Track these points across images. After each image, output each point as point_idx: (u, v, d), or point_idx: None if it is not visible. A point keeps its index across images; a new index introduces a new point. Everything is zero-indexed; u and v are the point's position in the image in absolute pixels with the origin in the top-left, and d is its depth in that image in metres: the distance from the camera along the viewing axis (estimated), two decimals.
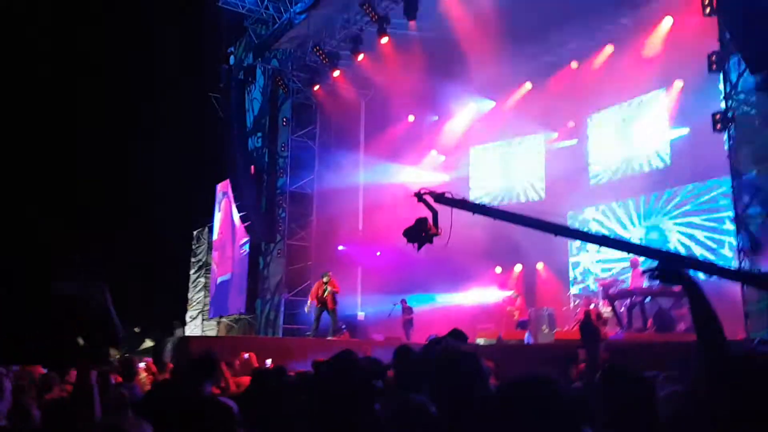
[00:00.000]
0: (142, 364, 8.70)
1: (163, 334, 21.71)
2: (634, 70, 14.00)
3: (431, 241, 4.50)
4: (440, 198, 4.38)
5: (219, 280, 20.57)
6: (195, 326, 21.76)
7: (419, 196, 4.39)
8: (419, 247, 4.62)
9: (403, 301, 15.45)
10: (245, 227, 17.59)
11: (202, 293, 21.92)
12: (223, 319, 19.89)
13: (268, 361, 9.67)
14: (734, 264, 9.35)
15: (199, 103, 18.79)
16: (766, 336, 8.04)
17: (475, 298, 16.48)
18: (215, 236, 20.91)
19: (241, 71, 17.96)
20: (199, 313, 21.85)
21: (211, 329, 20.59)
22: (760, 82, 8.45)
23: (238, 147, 17.30)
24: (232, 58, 17.99)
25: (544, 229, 3.70)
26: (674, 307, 11.09)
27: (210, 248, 21.61)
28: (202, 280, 22.00)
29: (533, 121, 16.62)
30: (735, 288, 9.82)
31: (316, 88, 17.73)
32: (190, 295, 22.47)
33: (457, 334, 4.04)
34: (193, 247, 22.65)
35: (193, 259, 22.61)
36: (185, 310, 22.47)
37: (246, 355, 8.71)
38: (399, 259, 17.58)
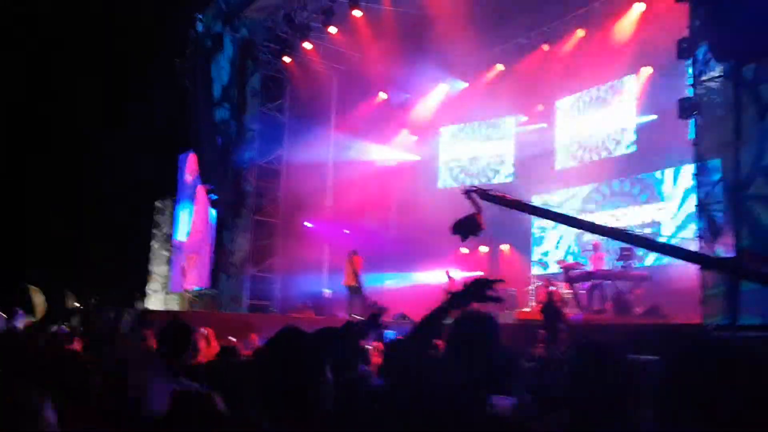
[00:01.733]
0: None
1: (123, 306, 21.31)
2: (604, 55, 14.09)
3: (477, 236, 5.07)
4: (486, 196, 4.64)
5: (183, 253, 20.25)
6: (157, 299, 21.41)
7: (467, 193, 4.67)
8: (464, 239, 4.91)
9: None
10: (211, 200, 17.29)
11: (164, 267, 21.55)
12: (186, 293, 19.61)
13: (232, 338, 9.56)
14: (694, 249, 9.52)
15: (163, 70, 18.21)
16: (721, 322, 8.22)
17: (438, 278, 16.53)
18: (183, 208, 20.50)
19: (208, 39, 17.48)
20: (161, 286, 21.49)
21: (173, 303, 20.29)
22: (726, 71, 8.54)
23: (203, 117, 16.92)
24: (199, 24, 17.50)
25: (593, 230, 4.09)
26: (632, 290, 11.33)
27: (173, 220, 21.21)
28: (165, 252, 21.61)
29: (504, 103, 16.65)
30: (693, 273, 10.07)
31: (287, 60, 17.40)
32: (151, 268, 22.05)
33: (374, 316, 4.09)
34: (155, 218, 22.19)
35: (155, 231, 22.16)
36: (146, 283, 22.07)
37: (203, 331, 8.55)
38: (367, 237, 17.61)
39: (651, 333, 8.93)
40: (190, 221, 19.94)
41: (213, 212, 18.20)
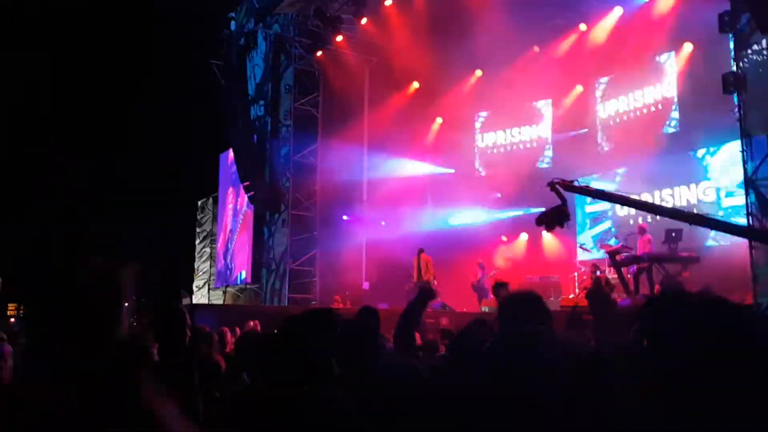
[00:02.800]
0: None
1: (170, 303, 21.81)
2: (642, 32, 13.68)
3: (563, 225, 5.33)
4: (570, 187, 5.05)
5: (225, 250, 20.60)
6: (201, 295, 21.88)
7: (552, 185, 5.04)
8: (550, 230, 5.48)
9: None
10: (249, 197, 17.50)
11: (207, 263, 21.97)
12: (229, 289, 19.96)
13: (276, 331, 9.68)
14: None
15: (201, 71, 18.47)
16: None
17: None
18: (224, 206, 20.84)
19: (242, 37, 17.64)
20: (205, 282, 21.94)
21: (217, 298, 20.68)
22: None
23: (240, 115, 17.10)
24: (233, 23, 17.68)
25: (674, 216, 4.27)
26: (680, 273, 11.00)
27: (215, 218, 21.59)
28: (207, 249, 22.03)
29: (541, 86, 16.34)
30: (740, 254, 9.74)
31: (319, 53, 17.43)
32: (196, 265, 22.54)
33: (368, 312, 4.03)
34: (198, 217, 22.64)
35: (198, 229, 22.62)
36: (192, 280, 22.56)
37: (252, 323, 8.73)
38: (403, 229, 17.57)
39: None
40: (232, 219, 20.26)
41: (252, 209, 18.45)
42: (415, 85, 18.33)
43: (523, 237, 16.78)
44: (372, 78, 18.78)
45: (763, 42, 8.51)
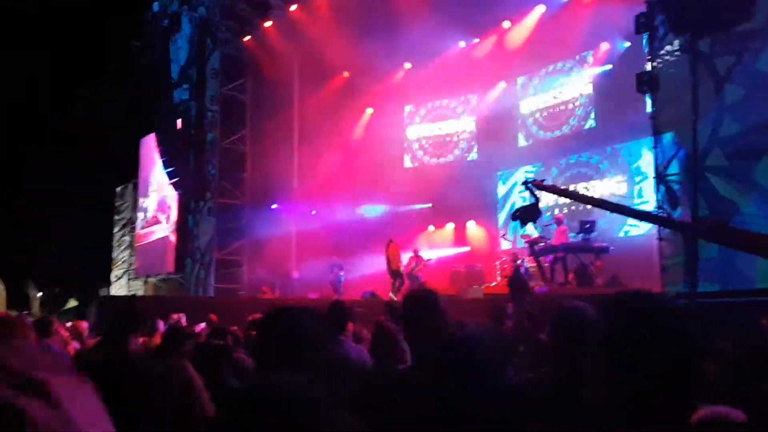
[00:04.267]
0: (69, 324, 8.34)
1: (86, 294, 20.96)
2: (563, 30, 14.18)
3: (535, 221, 6.27)
4: (542, 187, 5.58)
5: (146, 239, 19.91)
6: (120, 286, 21.09)
7: (526, 185, 5.57)
8: (523, 225, 6.29)
9: (333, 259, 15.43)
10: (172, 184, 17.00)
11: (127, 252, 21.18)
12: (151, 279, 19.34)
13: (202, 325, 9.46)
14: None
15: (121, 52, 17.73)
16: (681, 290, 8.48)
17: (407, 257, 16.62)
18: (154, 189, 20.07)
19: (165, 19, 17.04)
20: (124, 272, 21.15)
21: (138, 289, 20.00)
22: (683, 45, 8.71)
23: (163, 99, 16.55)
24: (156, 4, 17.04)
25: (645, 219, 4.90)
26: (593, 262, 11.61)
27: (135, 205, 20.81)
28: (127, 238, 21.23)
29: (465, 81, 16.71)
30: (649, 245, 10.38)
31: (247, 38, 17.07)
32: (114, 254, 21.68)
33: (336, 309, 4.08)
34: (117, 204, 21.75)
35: (116, 217, 21.74)
36: (110, 270, 21.70)
37: (176, 317, 8.50)
38: (334, 218, 17.58)
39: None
40: (153, 206, 19.59)
41: (175, 195, 17.92)
42: (345, 74, 18.29)
43: (450, 226, 17.16)
44: (302, 65, 18.57)
45: (675, 43, 9.02)
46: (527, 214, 5.48)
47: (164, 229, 18.79)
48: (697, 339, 1.33)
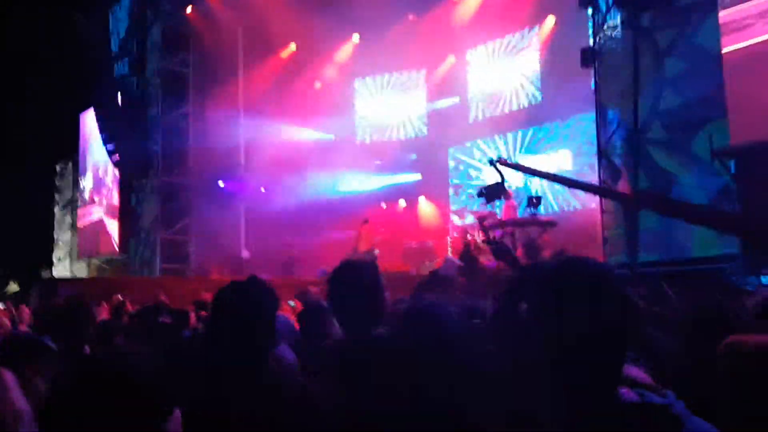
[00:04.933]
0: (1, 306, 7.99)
1: (28, 276, 20.21)
2: (510, 4, 14.21)
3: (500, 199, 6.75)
4: (507, 164, 5.79)
5: (86, 218, 19.26)
6: (63, 268, 20.40)
7: (491, 163, 5.72)
8: (489, 202, 6.55)
9: (285, 238, 15.27)
10: (114, 162, 16.42)
11: (68, 233, 20.47)
12: (94, 260, 18.75)
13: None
14: None
15: (58, 23, 16.85)
16: (623, 260, 8.70)
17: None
18: (89, 169, 19.35)
19: None
20: (66, 253, 20.45)
21: (81, 271, 19.38)
22: (625, 19, 8.82)
23: (102, 73, 15.87)
24: None
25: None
26: (541, 236, 11.81)
27: (75, 184, 20.06)
28: (68, 218, 20.49)
29: (415, 54, 16.61)
30: (592, 218, 10.61)
31: (189, 10, 16.49)
32: (55, 235, 20.91)
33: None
34: (57, 183, 20.92)
35: (57, 196, 20.93)
36: (51, 251, 20.95)
37: (120, 297, 8.29)
38: (284, 195, 17.32)
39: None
40: (93, 184, 18.92)
41: (117, 173, 17.33)
42: (292, 47, 17.93)
43: (401, 203, 17.17)
44: (246, 38, 18.05)
45: (618, 18, 9.12)
46: (493, 192, 5.75)
47: (98, 211, 18.21)
48: (636, 305, 1.37)
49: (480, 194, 5.94)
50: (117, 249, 17.71)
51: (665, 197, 8.11)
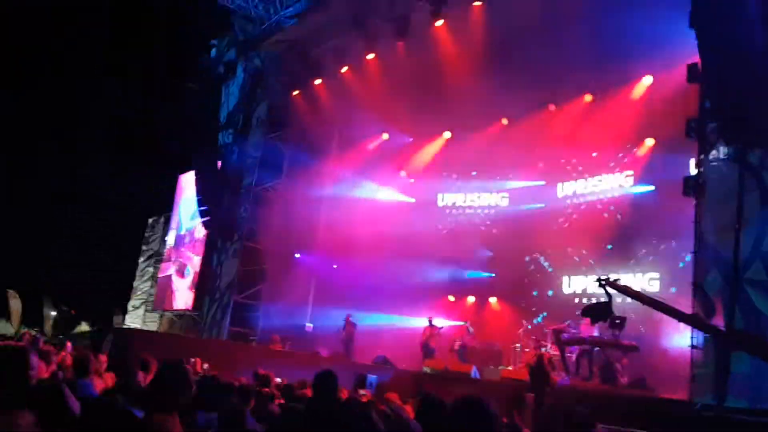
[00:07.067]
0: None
1: (100, 320, 20.96)
2: (608, 122, 14.23)
3: (606, 321, 6.50)
4: (614, 286, 5.75)
5: (164, 273, 20.01)
6: (136, 317, 21.07)
7: (599, 282, 5.70)
8: (594, 323, 7.06)
9: (348, 317, 15.27)
10: (203, 222, 17.19)
11: (148, 283, 21.26)
12: (167, 314, 19.31)
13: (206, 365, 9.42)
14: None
15: (174, 91, 18.32)
16: (708, 401, 8.19)
17: (422, 323, 16.37)
18: (173, 227, 20.33)
19: (221, 65, 17.66)
20: (142, 303, 21.17)
21: (153, 322, 19.97)
22: (732, 154, 8.70)
23: (207, 140, 16.95)
24: (213, 50, 17.69)
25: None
26: (621, 359, 11.27)
27: (164, 238, 21.02)
28: (151, 269, 21.34)
29: (504, 159, 16.73)
30: (678, 349, 10.08)
31: (295, 93, 17.53)
32: (135, 284, 21.76)
33: (325, 377, 4.07)
34: (146, 235, 21.98)
35: (144, 247, 21.92)
36: (128, 299, 21.74)
37: (192, 360, 8.56)
38: (354, 274, 17.48)
39: (638, 405, 8.88)
40: (182, 241, 19.77)
41: (202, 235, 18.10)
42: (384, 137, 18.58)
43: (470, 299, 16.91)
44: (343, 122, 18.91)
45: (723, 152, 9.00)
46: (599, 312, 5.57)
47: (171, 268, 18.92)
48: None
49: (584, 313, 5.79)
50: (178, 307, 18.25)
51: (764, 341, 7.68)
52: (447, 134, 18.05)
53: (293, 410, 4.19)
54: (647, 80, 13.76)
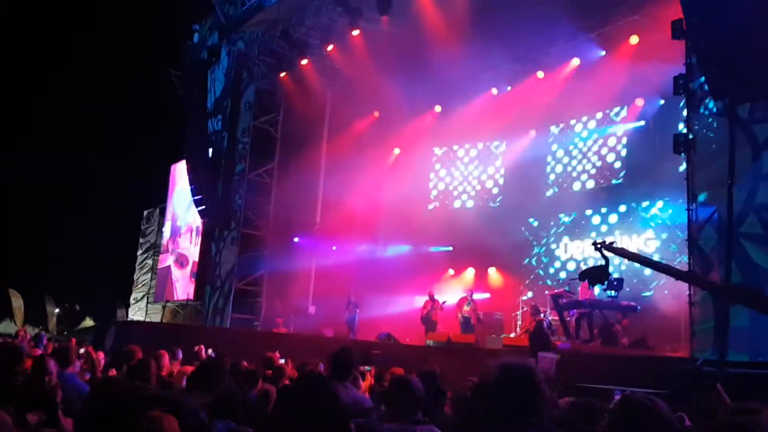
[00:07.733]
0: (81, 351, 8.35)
1: (104, 314, 21.05)
2: (597, 84, 14.16)
3: (603, 284, 6.39)
4: (611, 249, 5.81)
5: (163, 265, 20.02)
6: (139, 309, 21.14)
7: (595, 246, 5.74)
8: (591, 287, 7.06)
9: (350, 296, 15.30)
10: (199, 211, 17.16)
11: (148, 275, 21.29)
12: (169, 304, 19.37)
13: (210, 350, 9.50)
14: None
15: (158, 79, 18.16)
16: (709, 356, 8.25)
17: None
18: (168, 218, 20.29)
19: (204, 50, 17.45)
20: (144, 295, 21.23)
21: (155, 313, 20.03)
22: (721, 108, 8.65)
23: (196, 128, 16.83)
24: (196, 35, 17.47)
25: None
26: (619, 320, 11.35)
27: (160, 230, 21.00)
28: (150, 261, 21.36)
29: (495, 127, 16.72)
30: (677, 306, 10.15)
31: (282, 74, 17.37)
32: (136, 277, 21.80)
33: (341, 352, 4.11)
34: (143, 227, 21.97)
35: (141, 240, 21.93)
36: (130, 292, 21.81)
37: (195, 348, 8.65)
38: (354, 255, 17.55)
39: (639, 365, 8.94)
40: (179, 232, 19.75)
41: (198, 224, 18.06)
42: (376, 114, 18.49)
43: (470, 272, 16.97)
44: (333, 103, 18.82)
45: (713, 106, 8.95)
46: (596, 275, 5.72)
47: (169, 259, 18.93)
48: None
49: (582, 276, 5.88)
50: (179, 297, 18.29)
51: (761, 294, 7.71)
52: (438, 108, 17.98)
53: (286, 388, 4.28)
54: (633, 40, 13.64)
